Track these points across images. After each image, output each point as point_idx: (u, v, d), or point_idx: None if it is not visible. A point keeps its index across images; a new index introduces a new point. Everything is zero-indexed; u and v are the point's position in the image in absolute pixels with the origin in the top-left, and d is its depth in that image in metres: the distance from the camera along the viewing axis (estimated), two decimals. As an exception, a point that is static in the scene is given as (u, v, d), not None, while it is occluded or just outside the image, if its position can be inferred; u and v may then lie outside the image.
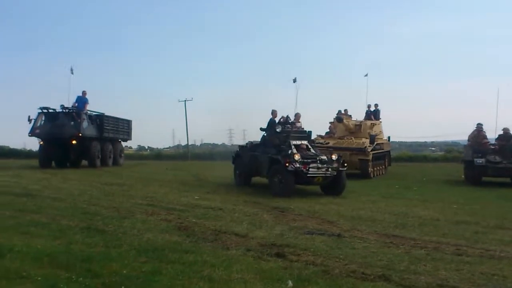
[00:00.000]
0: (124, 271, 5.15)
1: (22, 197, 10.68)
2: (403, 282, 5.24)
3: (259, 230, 7.74)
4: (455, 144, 44.06)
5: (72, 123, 20.69)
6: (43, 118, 20.94)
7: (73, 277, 4.92)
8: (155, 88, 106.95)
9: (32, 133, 20.76)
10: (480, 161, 16.16)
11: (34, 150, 26.97)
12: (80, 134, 20.37)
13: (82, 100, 21.57)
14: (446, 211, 10.27)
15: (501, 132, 17.64)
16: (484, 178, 16.64)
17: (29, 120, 20.74)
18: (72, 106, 21.25)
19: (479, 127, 17.99)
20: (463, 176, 18.10)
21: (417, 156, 33.88)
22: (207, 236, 7.17)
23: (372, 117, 21.36)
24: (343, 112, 21.40)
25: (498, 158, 16.19)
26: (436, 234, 7.88)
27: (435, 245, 7.07)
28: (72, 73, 22.53)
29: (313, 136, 19.51)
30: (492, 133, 18.11)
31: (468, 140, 18.31)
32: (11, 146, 33.78)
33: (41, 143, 21.05)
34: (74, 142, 20.56)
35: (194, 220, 8.39)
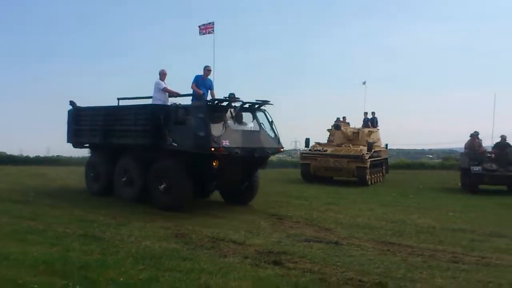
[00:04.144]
0: (121, 279, 5.16)
1: None
2: (399, 290, 5.27)
3: (256, 237, 7.75)
4: (452, 152, 44.09)
5: None
6: None
7: (70, 284, 4.93)
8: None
9: None
10: (477, 169, 16.18)
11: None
12: None
13: None
14: (443, 219, 10.28)
15: (498, 140, 17.69)
16: (481, 186, 16.66)
17: None
18: None
19: (475, 135, 18.04)
20: (459, 184, 18.13)
21: (414, 163, 33.87)
22: (204, 244, 7.18)
23: (370, 124, 21.41)
24: (341, 119, 21.43)
25: (494, 166, 16.21)
26: (433, 241, 7.91)
27: (432, 252, 7.10)
28: None
29: (311, 143, 19.67)
30: (488, 141, 18.15)
31: (465, 148, 18.35)
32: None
33: None
34: None
35: (191, 227, 8.39)
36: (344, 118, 21.75)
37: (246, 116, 10.98)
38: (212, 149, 9.41)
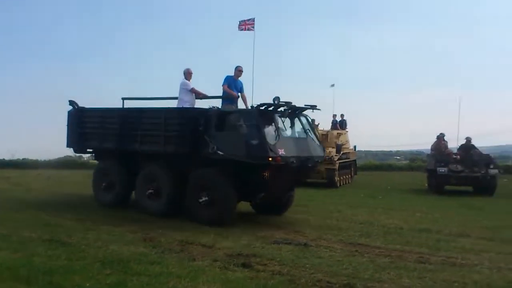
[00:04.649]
0: (88, 284, 5.07)
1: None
2: (367, 291, 5.34)
3: (226, 240, 7.73)
4: (419, 153, 44.89)
5: None
6: None
7: (34, 290, 4.81)
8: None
9: None
10: (443, 170, 16.54)
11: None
12: None
13: None
14: (410, 220, 10.46)
15: (464, 142, 18.13)
16: (447, 187, 17.03)
17: None
18: None
19: (441, 137, 18.44)
20: (426, 185, 18.49)
21: (382, 165, 34.33)
22: (173, 247, 7.12)
23: (339, 126, 21.63)
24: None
25: (460, 167, 16.59)
26: (400, 242, 8.02)
27: (399, 253, 7.21)
28: None
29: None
30: (454, 143, 18.58)
31: (431, 149, 18.73)
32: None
33: None
34: None
35: (160, 231, 8.31)
36: (313, 120, 21.92)
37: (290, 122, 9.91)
38: (270, 158, 8.53)
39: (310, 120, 10.11)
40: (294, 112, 9.71)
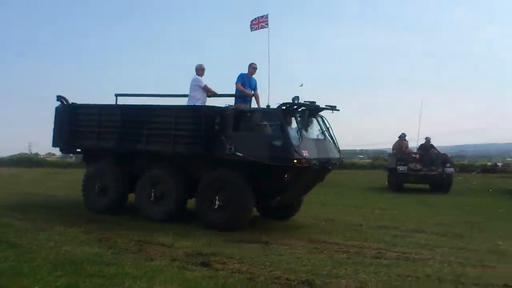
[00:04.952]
0: (36, 287, 4.87)
1: None
2: (325, 287, 5.36)
3: (185, 239, 7.62)
4: (382, 152, 45.68)
5: None
6: None
7: (-21, 294, 4.59)
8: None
9: None
10: (403, 169, 16.93)
11: None
12: None
13: None
14: (369, 217, 10.62)
15: (423, 142, 18.60)
16: (406, 185, 17.43)
17: None
18: None
19: (402, 137, 18.86)
20: (387, 183, 18.85)
21: (346, 163, 34.75)
22: (130, 247, 6.96)
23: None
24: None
25: (419, 166, 17.06)
26: (359, 238, 8.13)
27: (357, 249, 7.29)
28: None
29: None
30: (414, 142, 19.01)
31: (393, 149, 19.14)
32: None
33: None
34: None
35: (117, 231, 8.12)
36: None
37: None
38: (295, 160, 8.07)
39: (326, 121, 9.60)
40: (312, 112, 9.29)
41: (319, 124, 9.45)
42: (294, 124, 8.72)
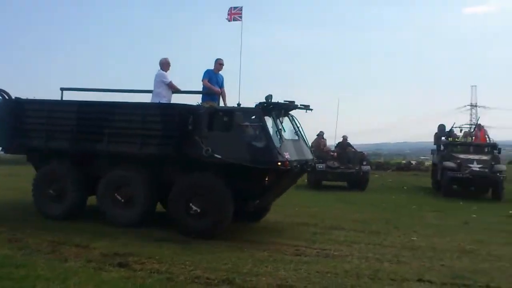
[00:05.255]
0: None
1: None
2: (245, 285, 5.42)
3: (102, 239, 7.36)
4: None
5: None
6: None
7: None
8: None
9: None
10: (321, 167, 17.39)
11: None
12: None
13: None
14: (289, 214, 10.81)
15: (340, 140, 19.23)
16: (325, 182, 17.96)
17: None
18: None
19: (321, 135, 19.37)
20: (306, 180, 19.30)
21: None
22: (43, 248, 6.68)
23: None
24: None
25: (336, 164, 17.62)
26: (279, 236, 8.28)
27: (278, 246, 7.40)
28: None
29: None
30: (332, 141, 19.59)
31: (312, 146, 19.58)
32: None
33: None
34: None
35: (28, 231, 7.69)
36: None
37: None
38: (279, 163, 7.71)
39: (297, 121, 9.18)
40: (285, 112, 8.90)
41: (292, 124, 9.11)
42: (270, 124, 8.34)
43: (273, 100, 8.26)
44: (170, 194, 8.21)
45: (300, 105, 8.87)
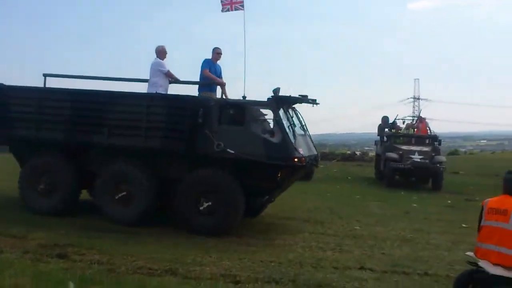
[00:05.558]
0: None
1: None
2: (189, 275, 5.39)
3: (40, 230, 7.12)
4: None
5: None
6: None
7: None
8: None
9: None
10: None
11: None
12: None
13: None
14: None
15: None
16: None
17: None
18: None
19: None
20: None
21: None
22: (-25, 240, 6.36)
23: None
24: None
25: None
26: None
27: (223, 236, 7.37)
28: None
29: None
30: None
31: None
32: None
33: None
34: None
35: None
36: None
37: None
38: (296, 159, 7.44)
39: (301, 115, 8.79)
40: (291, 106, 8.49)
41: (298, 119, 8.67)
42: (287, 119, 8.00)
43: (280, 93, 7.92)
44: (179, 191, 7.77)
45: (310, 99, 8.37)
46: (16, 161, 9.19)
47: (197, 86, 8.74)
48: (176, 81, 8.66)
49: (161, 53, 8.63)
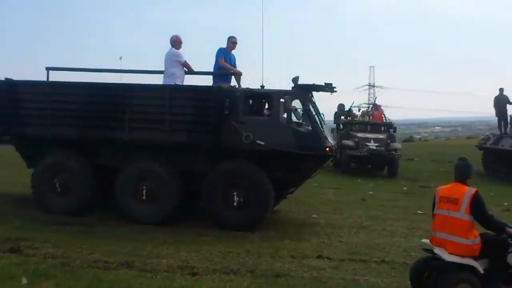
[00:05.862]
0: None
1: None
2: (145, 267, 5.36)
3: (-9, 224, 6.91)
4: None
5: None
6: None
7: None
8: None
9: None
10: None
11: None
12: None
13: None
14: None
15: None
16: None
17: None
18: None
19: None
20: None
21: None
22: None
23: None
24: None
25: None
26: (180, 218, 7.82)
27: (180, 228, 7.35)
28: None
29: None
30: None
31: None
32: None
33: None
34: None
35: None
36: None
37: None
38: (327, 149, 7.30)
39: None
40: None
41: (316, 108, 8.26)
42: (314, 108, 7.85)
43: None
44: (205, 185, 7.56)
45: (325, 83, 8.05)
46: (24, 160, 8.74)
47: (210, 76, 8.46)
48: (191, 71, 8.40)
49: (176, 42, 8.29)
